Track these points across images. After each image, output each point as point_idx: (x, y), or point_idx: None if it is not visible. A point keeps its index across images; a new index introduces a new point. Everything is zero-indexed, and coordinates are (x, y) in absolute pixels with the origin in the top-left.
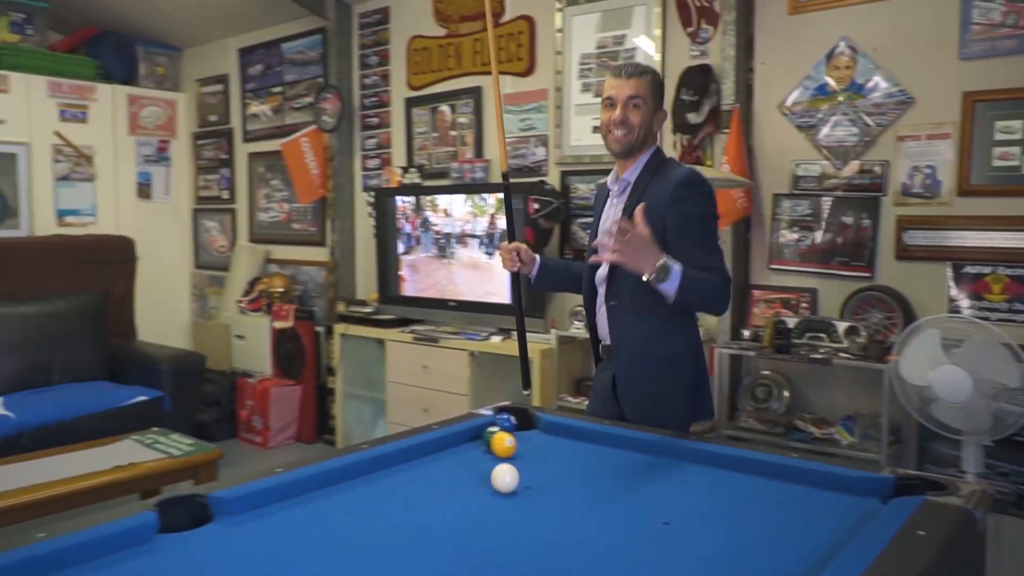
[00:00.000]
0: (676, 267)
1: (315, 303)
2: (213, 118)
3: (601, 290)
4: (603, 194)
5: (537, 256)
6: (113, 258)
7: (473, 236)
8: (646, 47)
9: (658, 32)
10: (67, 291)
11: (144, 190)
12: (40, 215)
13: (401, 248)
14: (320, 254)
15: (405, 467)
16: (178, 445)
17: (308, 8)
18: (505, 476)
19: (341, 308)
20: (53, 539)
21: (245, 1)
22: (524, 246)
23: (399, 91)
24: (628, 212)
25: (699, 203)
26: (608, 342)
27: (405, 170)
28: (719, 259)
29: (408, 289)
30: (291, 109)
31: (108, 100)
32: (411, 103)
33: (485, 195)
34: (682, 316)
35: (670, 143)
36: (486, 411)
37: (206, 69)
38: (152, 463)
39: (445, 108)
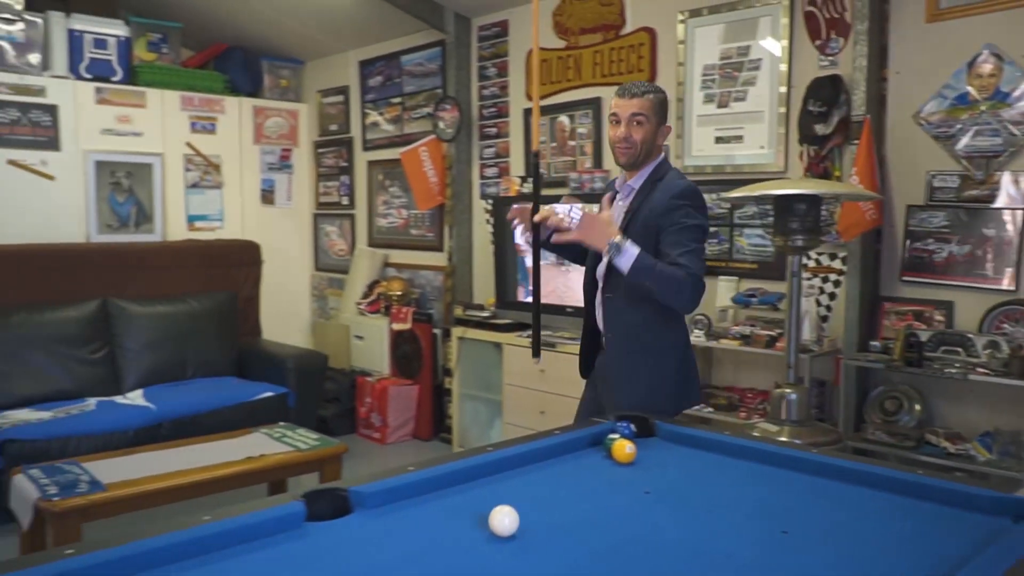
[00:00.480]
0: (632, 249)
1: (432, 306)
2: (334, 127)
3: (601, 283)
4: (610, 191)
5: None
6: (241, 261)
7: None
8: (772, 56)
9: (785, 43)
10: (199, 292)
11: (267, 196)
12: (172, 220)
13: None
14: (438, 259)
15: (529, 469)
16: (305, 439)
17: (428, 22)
18: (504, 519)
19: (459, 312)
20: (217, 522)
21: (366, 16)
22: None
23: (517, 102)
24: (630, 215)
25: (689, 214)
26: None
27: (523, 179)
28: (692, 261)
29: (525, 294)
30: (410, 119)
31: (235, 112)
32: (530, 114)
33: None
34: (670, 311)
35: (796, 153)
36: (604, 419)
37: (327, 81)
38: (281, 455)
39: (564, 119)
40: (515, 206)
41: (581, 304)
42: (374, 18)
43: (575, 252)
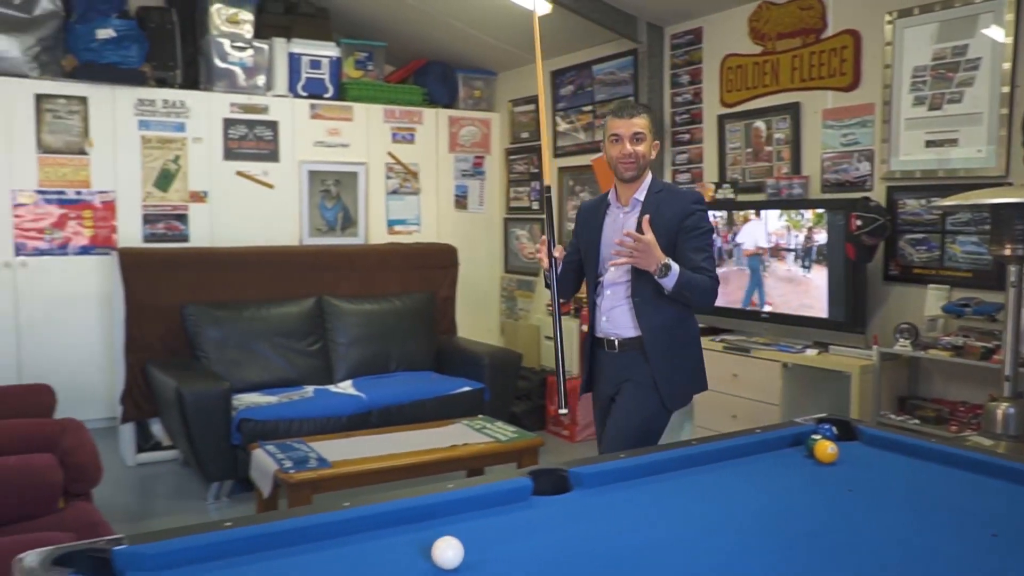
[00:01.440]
0: (675, 267)
1: None
2: (524, 135)
3: (613, 290)
4: (593, 209)
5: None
6: (439, 264)
7: (789, 250)
8: (993, 55)
9: (1008, 39)
10: (401, 292)
11: (461, 201)
12: (374, 225)
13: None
14: None
15: (731, 463)
16: (503, 431)
17: (620, 33)
18: (446, 551)
19: None
20: (459, 490)
21: (559, 29)
22: (560, 249)
23: (711, 108)
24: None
25: (705, 219)
26: (604, 334)
27: (718, 185)
28: (711, 264)
29: (719, 300)
30: (601, 126)
31: (432, 122)
32: (724, 119)
33: (803, 211)
34: (687, 310)
35: (1019, 157)
36: (805, 420)
37: (519, 91)
38: (482, 445)
39: (760, 124)
40: (541, 243)
41: (778, 310)
42: (566, 30)
43: (571, 286)
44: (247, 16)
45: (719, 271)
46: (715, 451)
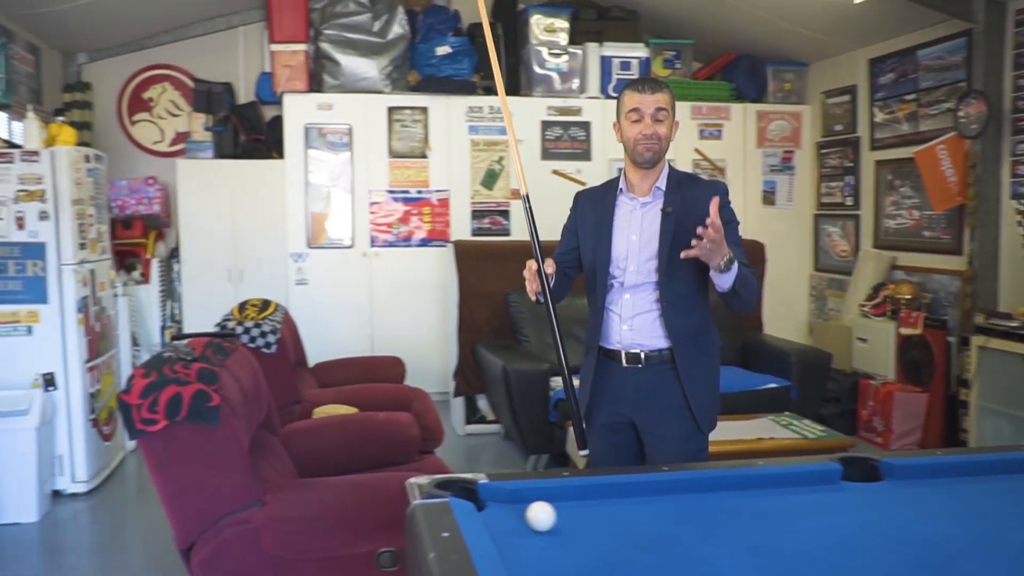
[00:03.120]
0: (735, 263)
1: (946, 312)
2: (838, 128)
3: (636, 294)
4: (597, 200)
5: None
6: (751, 260)
7: None
8: None
9: None
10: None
11: (768, 197)
12: None
13: None
14: (954, 263)
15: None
16: (811, 429)
17: (951, 13)
18: (539, 513)
19: (980, 320)
20: (769, 467)
21: (879, 14)
22: (550, 263)
23: None
24: (673, 217)
25: (734, 213)
26: (623, 347)
27: None
28: (748, 258)
29: None
30: (926, 116)
31: (739, 118)
32: None
33: None
34: (710, 315)
35: None
36: None
37: (833, 81)
38: (788, 441)
39: None
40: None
41: None
42: (888, 15)
43: (563, 290)
44: (563, 24)
45: None
46: None
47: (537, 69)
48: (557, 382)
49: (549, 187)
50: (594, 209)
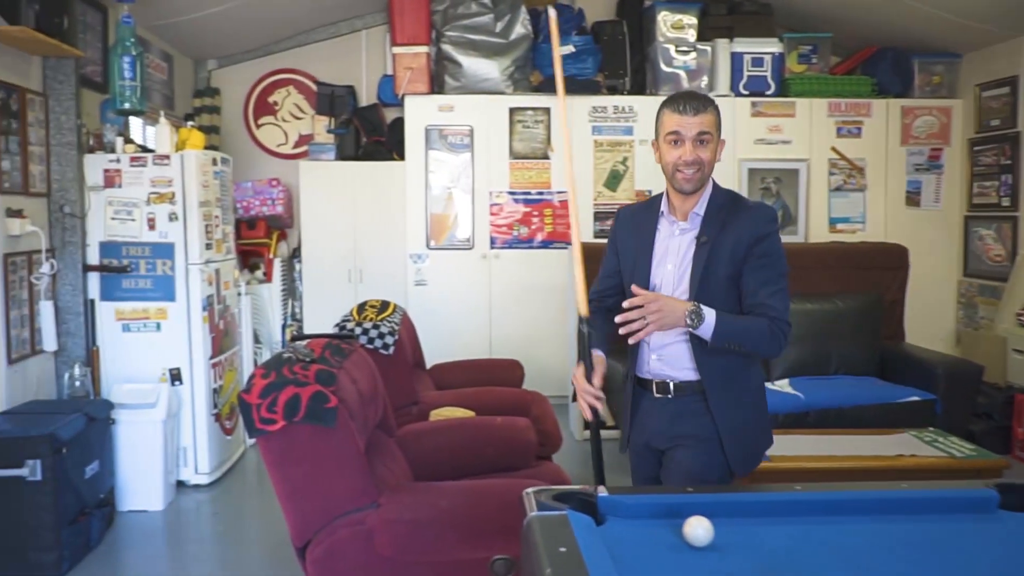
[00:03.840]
0: (710, 314)
1: None
2: (995, 123)
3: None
4: (639, 219)
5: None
6: (886, 264)
7: None
8: None
9: None
10: (841, 292)
11: (912, 198)
12: (814, 223)
13: None
14: None
15: None
16: (959, 447)
17: None
18: (697, 528)
19: None
20: (914, 490)
21: None
22: (599, 374)
23: None
24: (708, 246)
25: (778, 244)
26: (653, 376)
27: None
28: (781, 302)
29: None
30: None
31: (882, 114)
32: None
33: None
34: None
35: None
36: None
37: (989, 73)
38: (932, 459)
39: None
40: (582, 386)
41: None
42: None
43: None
44: (691, 20)
45: None
46: None
47: (664, 67)
48: None
49: None
50: (635, 231)
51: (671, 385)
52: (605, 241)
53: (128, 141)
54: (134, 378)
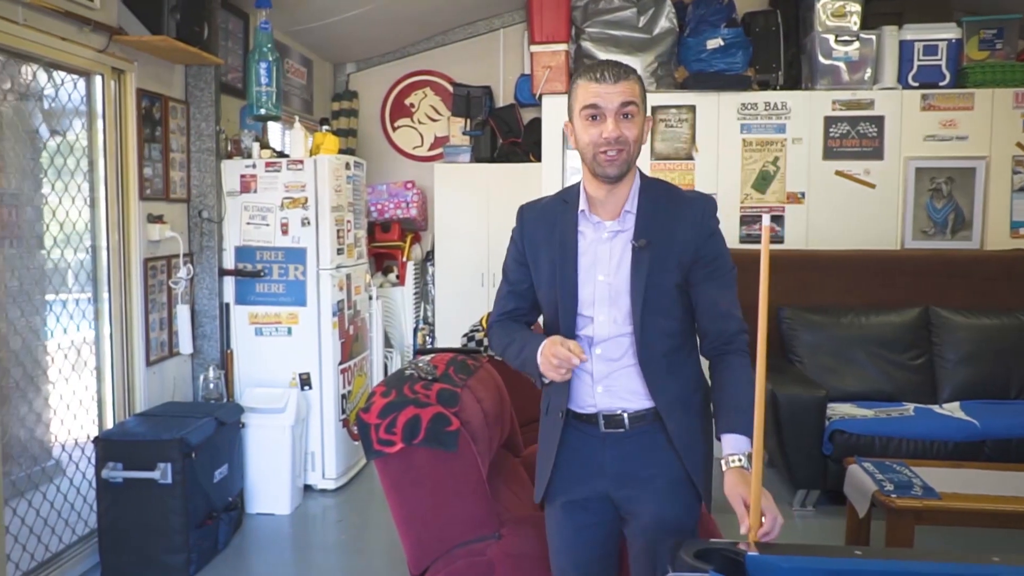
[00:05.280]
0: (745, 441)
1: None
2: None
3: (608, 348)
4: (549, 219)
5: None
6: None
7: None
8: None
9: None
10: None
11: None
12: (993, 227)
13: None
14: None
15: None
16: None
17: None
18: None
19: None
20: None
21: None
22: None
23: None
24: (648, 253)
25: (722, 238)
26: (598, 409)
27: None
28: (738, 308)
29: None
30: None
31: None
32: None
33: None
34: (699, 368)
35: None
36: None
37: None
38: None
39: None
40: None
41: None
42: None
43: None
44: (854, 7)
45: None
46: None
47: (822, 59)
48: (835, 410)
49: (831, 190)
50: (548, 235)
51: (625, 417)
52: (753, 247)
53: (264, 146)
54: (265, 382)
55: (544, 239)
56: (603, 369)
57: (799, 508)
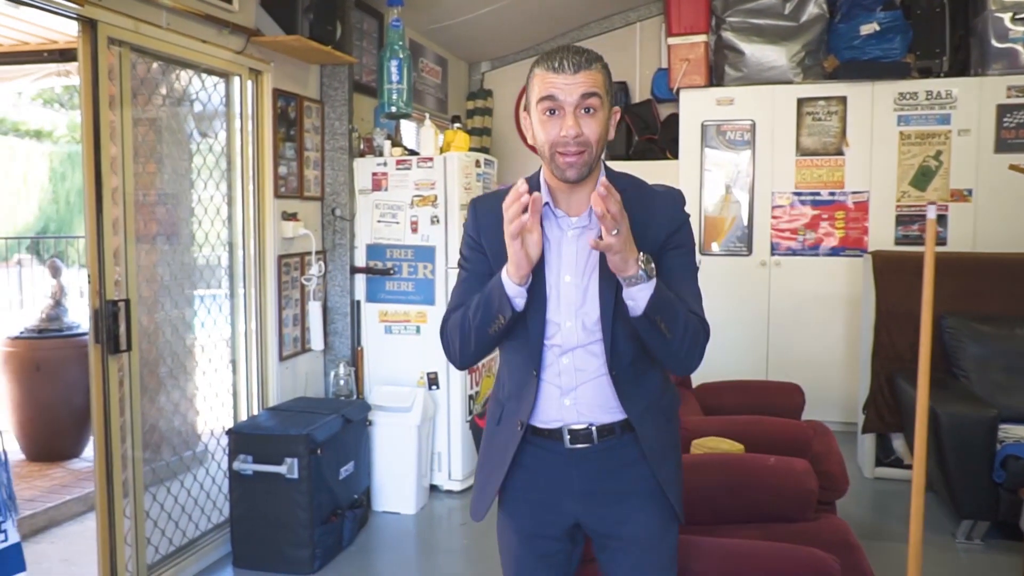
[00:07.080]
0: (654, 276)
1: None
2: None
3: (576, 357)
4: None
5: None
6: None
7: None
8: None
9: None
10: None
11: None
12: None
13: None
14: None
15: None
16: None
17: None
18: None
19: None
20: None
21: None
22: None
23: None
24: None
25: (690, 233)
26: (564, 423)
27: None
28: (701, 304)
29: None
30: None
31: None
32: None
33: None
34: (666, 374)
35: None
36: None
37: None
38: None
39: None
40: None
41: None
42: None
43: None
44: None
45: None
46: None
47: (995, 43)
48: (1008, 432)
49: (1002, 184)
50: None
51: (593, 431)
52: (912, 249)
53: (396, 144)
54: (394, 380)
55: (499, 236)
56: (571, 380)
57: (964, 541)
